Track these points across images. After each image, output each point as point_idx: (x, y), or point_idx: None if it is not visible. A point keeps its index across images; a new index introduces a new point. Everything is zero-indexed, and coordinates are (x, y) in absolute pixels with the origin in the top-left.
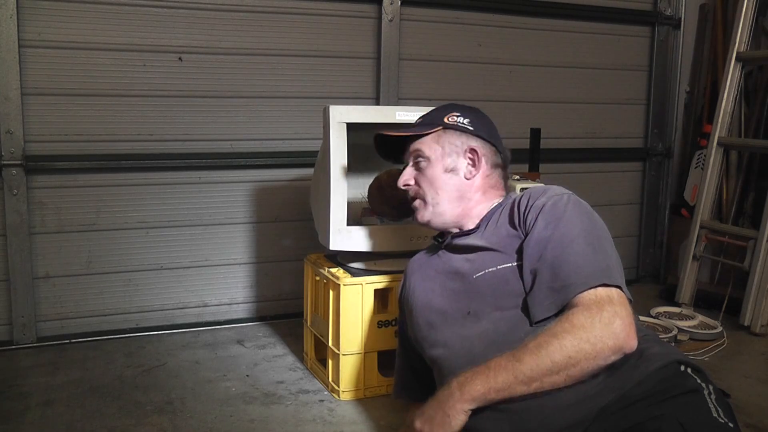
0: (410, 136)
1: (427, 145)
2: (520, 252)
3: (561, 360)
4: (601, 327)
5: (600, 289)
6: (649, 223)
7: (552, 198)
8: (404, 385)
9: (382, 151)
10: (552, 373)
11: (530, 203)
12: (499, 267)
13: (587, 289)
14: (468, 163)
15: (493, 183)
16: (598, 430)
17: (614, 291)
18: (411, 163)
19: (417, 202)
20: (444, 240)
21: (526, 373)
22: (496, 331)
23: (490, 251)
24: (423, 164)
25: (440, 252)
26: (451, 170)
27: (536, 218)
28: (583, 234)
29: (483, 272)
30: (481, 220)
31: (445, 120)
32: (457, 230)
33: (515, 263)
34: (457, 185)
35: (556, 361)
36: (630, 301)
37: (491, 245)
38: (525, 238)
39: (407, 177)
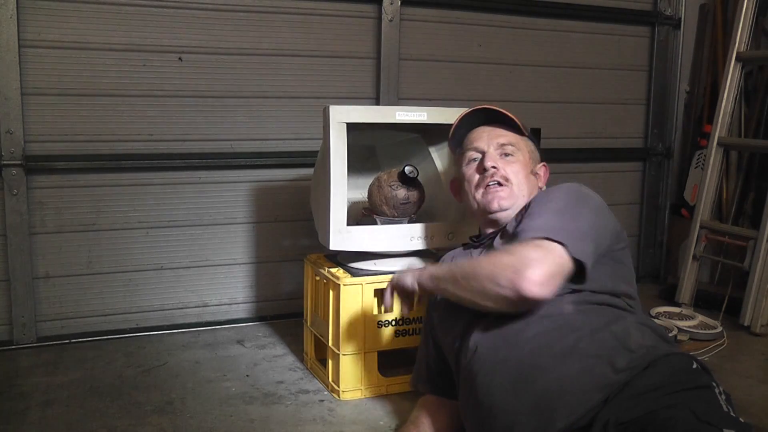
0: (505, 123)
1: (517, 141)
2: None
3: (468, 270)
4: (512, 258)
5: (539, 239)
6: (649, 223)
7: (555, 188)
8: (420, 377)
9: (457, 133)
10: (462, 278)
11: (539, 196)
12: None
13: (530, 238)
14: (540, 175)
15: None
16: (610, 417)
17: (553, 244)
18: (495, 150)
19: (501, 187)
20: (480, 239)
21: (454, 271)
22: None
23: (513, 236)
24: (515, 156)
25: (476, 249)
26: (535, 174)
27: (535, 204)
28: (556, 208)
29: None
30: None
31: (526, 132)
32: (500, 224)
33: None
34: (533, 187)
35: (466, 270)
36: (580, 263)
37: (513, 232)
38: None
39: (494, 161)
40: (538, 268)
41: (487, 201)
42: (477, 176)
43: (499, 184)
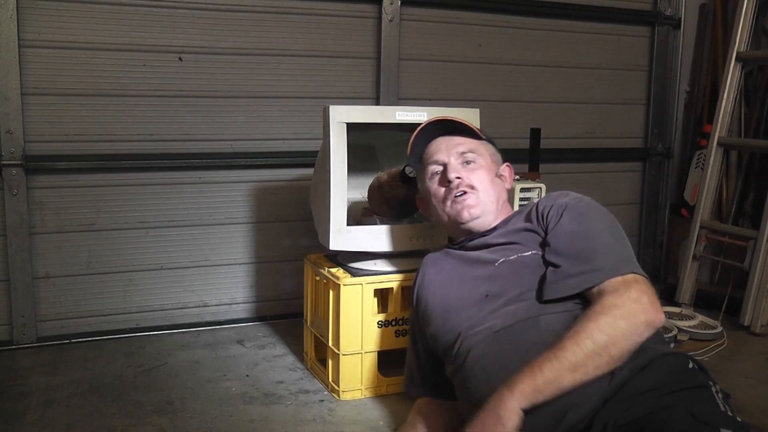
0: (462, 131)
1: (477, 147)
2: (543, 245)
3: (601, 339)
4: (631, 303)
5: (628, 276)
6: (649, 223)
7: (574, 199)
8: (413, 381)
9: (415, 149)
10: (595, 355)
11: (551, 203)
12: (520, 255)
13: (618, 276)
14: (506, 176)
15: (506, 198)
16: (608, 419)
17: (639, 277)
18: (456, 160)
19: (467, 195)
20: (460, 242)
21: (571, 359)
22: (518, 309)
23: (509, 244)
24: (477, 162)
25: (458, 251)
26: (500, 177)
27: (561, 215)
28: (607, 229)
29: (505, 259)
30: (499, 224)
31: (483, 137)
32: (477, 233)
33: (537, 252)
34: (500, 190)
35: (597, 341)
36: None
37: (510, 240)
38: (547, 233)
39: (457, 171)
40: (654, 302)
41: (457, 212)
42: (442, 189)
43: (465, 193)
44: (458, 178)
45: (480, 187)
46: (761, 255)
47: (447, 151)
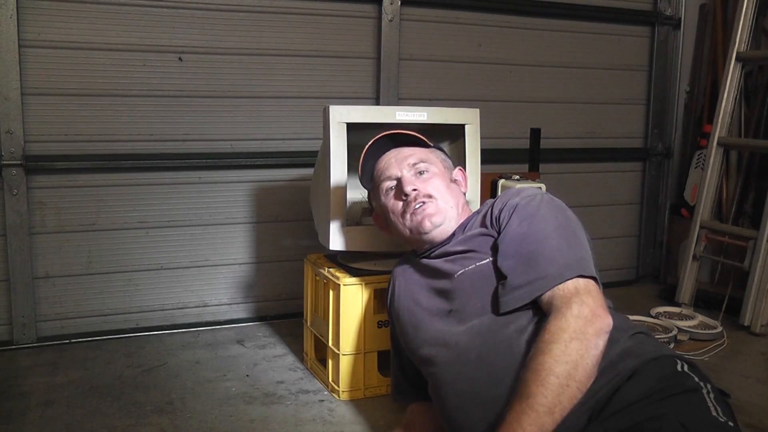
0: (409, 142)
1: (427, 155)
2: (494, 249)
3: (563, 370)
4: (575, 321)
5: (569, 282)
6: (649, 223)
7: (525, 198)
8: (399, 389)
9: (366, 167)
10: (564, 388)
11: (503, 203)
12: (477, 264)
13: (562, 282)
14: (460, 180)
15: (465, 202)
16: (597, 430)
17: (582, 281)
18: (409, 172)
19: (426, 204)
20: (422, 253)
21: (543, 402)
22: (482, 324)
23: (467, 252)
24: (430, 171)
25: (421, 260)
26: (455, 181)
27: (510, 216)
28: (557, 229)
29: (463, 270)
30: (456, 230)
31: (431, 144)
32: (438, 242)
33: (491, 259)
34: (457, 195)
35: (559, 374)
36: (595, 279)
37: (467, 248)
38: (499, 235)
39: (412, 183)
40: (597, 308)
41: (418, 222)
42: (400, 203)
43: (424, 203)
44: (414, 190)
45: (437, 195)
46: (761, 255)
47: (398, 164)
